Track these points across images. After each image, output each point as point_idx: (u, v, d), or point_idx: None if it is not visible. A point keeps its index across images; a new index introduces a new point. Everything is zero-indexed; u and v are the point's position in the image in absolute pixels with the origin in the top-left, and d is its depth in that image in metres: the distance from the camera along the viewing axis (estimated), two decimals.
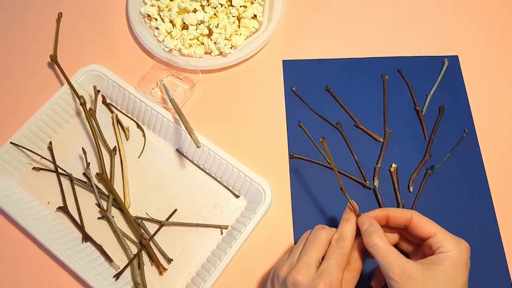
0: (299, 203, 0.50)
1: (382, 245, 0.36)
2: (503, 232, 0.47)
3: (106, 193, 0.50)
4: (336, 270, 0.36)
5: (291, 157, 0.52)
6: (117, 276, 0.46)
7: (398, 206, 0.49)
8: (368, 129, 0.53)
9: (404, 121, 0.53)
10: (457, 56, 0.56)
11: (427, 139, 0.52)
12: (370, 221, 0.39)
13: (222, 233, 0.49)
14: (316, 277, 0.36)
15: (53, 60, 0.54)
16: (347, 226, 0.39)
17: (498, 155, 0.51)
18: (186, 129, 0.48)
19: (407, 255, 0.40)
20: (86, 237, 0.48)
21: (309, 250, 0.38)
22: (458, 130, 0.53)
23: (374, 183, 0.50)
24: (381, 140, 0.52)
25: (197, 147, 0.46)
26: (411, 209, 0.48)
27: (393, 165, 0.50)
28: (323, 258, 0.38)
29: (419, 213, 0.39)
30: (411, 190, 0.50)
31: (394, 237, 0.41)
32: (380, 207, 0.49)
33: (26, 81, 0.57)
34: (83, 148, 0.52)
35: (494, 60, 0.57)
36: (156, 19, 0.57)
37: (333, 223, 0.49)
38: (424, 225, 0.38)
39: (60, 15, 0.59)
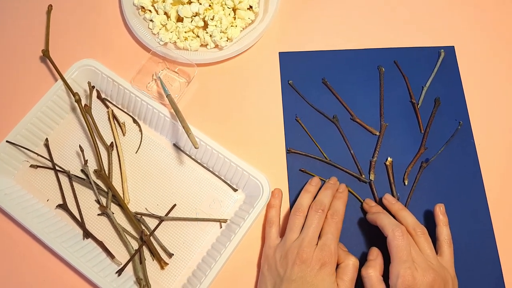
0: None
1: (374, 276, 0.42)
2: (495, 224, 0.49)
3: (105, 189, 0.51)
4: (333, 242, 0.43)
5: (288, 151, 0.52)
6: (119, 272, 0.47)
7: None
8: (364, 123, 0.53)
9: (400, 114, 0.53)
10: (453, 46, 0.56)
11: (422, 132, 0.53)
12: (377, 254, 0.44)
13: (221, 227, 0.50)
14: (319, 250, 0.42)
15: (46, 55, 0.53)
16: (339, 203, 0.46)
17: (492, 147, 0.52)
18: (183, 128, 0.47)
19: None
20: (87, 234, 0.49)
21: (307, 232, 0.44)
22: (453, 122, 0.53)
23: (370, 177, 0.51)
24: (377, 133, 0.53)
25: (195, 148, 0.46)
26: (406, 202, 0.50)
27: (389, 158, 0.51)
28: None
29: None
30: (406, 183, 0.50)
31: None
32: (375, 200, 0.50)
33: (19, 77, 0.56)
34: (80, 146, 0.52)
35: (490, 51, 0.57)
36: (150, 11, 0.56)
37: None
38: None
39: (50, 7, 0.57)
